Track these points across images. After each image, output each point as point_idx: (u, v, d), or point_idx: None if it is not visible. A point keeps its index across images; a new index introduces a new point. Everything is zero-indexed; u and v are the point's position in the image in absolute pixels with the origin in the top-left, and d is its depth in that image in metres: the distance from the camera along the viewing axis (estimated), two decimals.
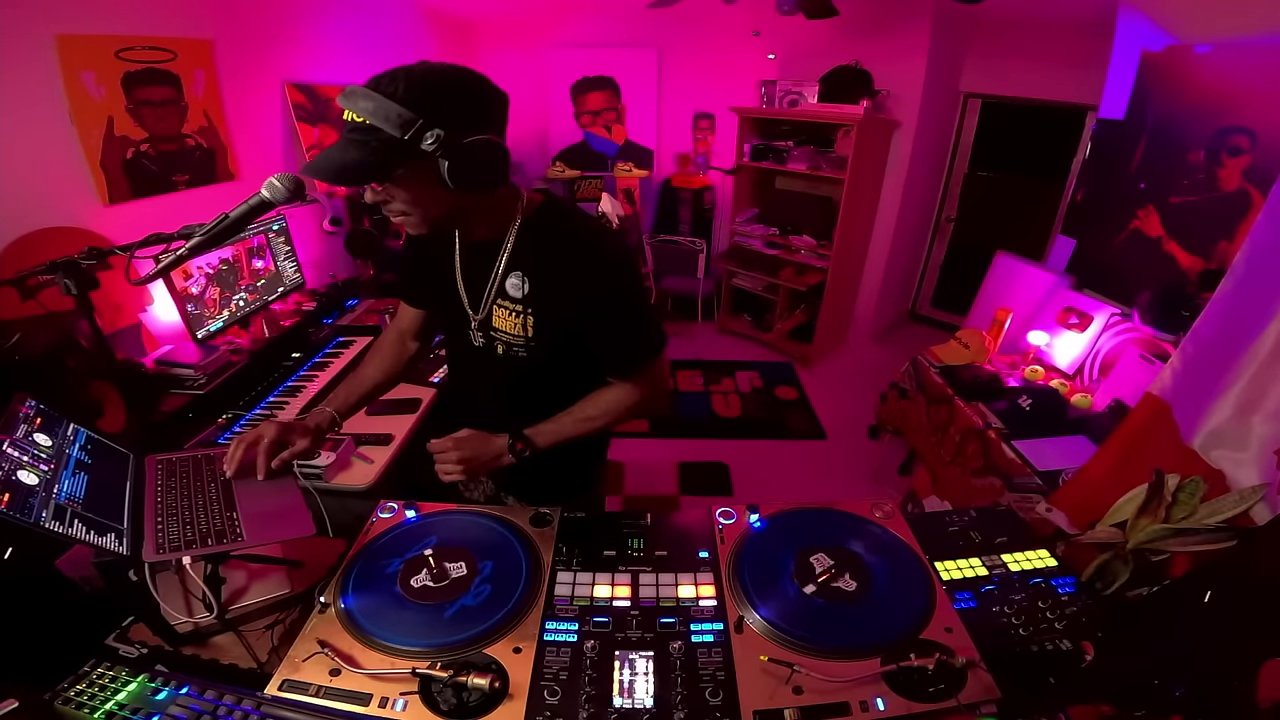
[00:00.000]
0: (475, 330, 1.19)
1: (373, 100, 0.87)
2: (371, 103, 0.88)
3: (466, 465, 1.12)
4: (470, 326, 1.19)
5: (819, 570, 1.02)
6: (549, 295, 1.10)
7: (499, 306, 1.13)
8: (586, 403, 1.21)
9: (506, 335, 1.15)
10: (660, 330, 1.18)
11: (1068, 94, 3.61)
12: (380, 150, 0.89)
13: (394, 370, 1.38)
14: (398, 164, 0.92)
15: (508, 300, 1.12)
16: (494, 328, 1.16)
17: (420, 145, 0.89)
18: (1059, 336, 2.50)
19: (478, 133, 0.92)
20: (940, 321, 4.77)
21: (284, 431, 1.16)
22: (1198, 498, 1.07)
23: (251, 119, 2.60)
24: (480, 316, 1.16)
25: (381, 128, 0.87)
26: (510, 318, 1.13)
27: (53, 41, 1.81)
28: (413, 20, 3.81)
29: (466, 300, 1.17)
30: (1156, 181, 2.39)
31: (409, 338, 1.39)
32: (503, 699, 0.81)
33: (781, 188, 4.57)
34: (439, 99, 0.90)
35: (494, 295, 1.13)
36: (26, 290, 1.56)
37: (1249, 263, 1.32)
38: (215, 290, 2.07)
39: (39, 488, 0.91)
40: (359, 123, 0.89)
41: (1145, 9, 2.42)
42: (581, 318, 1.10)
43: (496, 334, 1.16)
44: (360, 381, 1.35)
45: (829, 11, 3.04)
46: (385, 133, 0.88)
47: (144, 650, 0.95)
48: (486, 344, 1.19)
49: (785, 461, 3.40)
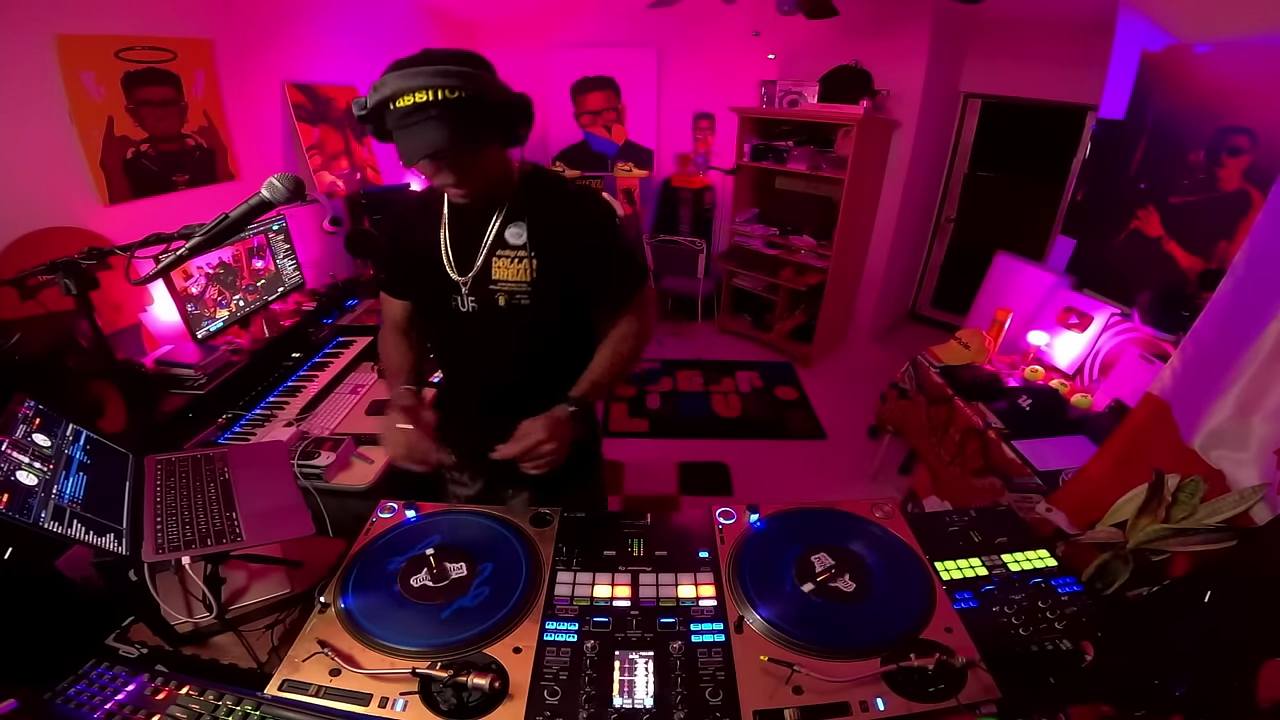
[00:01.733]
0: (466, 294, 1.21)
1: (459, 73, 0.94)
2: (459, 76, 0.94)
3: (561, 447, 1.11)
4: (459, 292, 1.21)
5: (819, 570, 1.02)
6: (549, 238, 1.18)
7: (499, 257, 1.18)
8: (606, 347, 1.26)
9: (509, 284, 1.19)
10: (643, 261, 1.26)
11: (1068, 94, 3.61)
12: (479, 117, 0.98)
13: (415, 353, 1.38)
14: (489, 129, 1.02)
15: (507, 249, 1.18)
16: (493, 280, 1.19)
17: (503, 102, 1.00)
18: (1059, 336, 2.50)
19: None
20: (940, 321, 4.77)
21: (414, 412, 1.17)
22: (1198, 498, 1.07)
23: (251, 119, 2.59)
24: (471, 275, 1.19)
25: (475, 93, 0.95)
26: (511, 265, 1.18)
27: (52, 41, 1.81)
28: (413, 20, 3.81)
29: (454, 264, 1.20)
30: (1156, 181, 2.39)
31: (408, 329, 1.40)
32: (503, 699, 0.81)
33: (781, 188, 4.57)
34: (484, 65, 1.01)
35: (491, 247, 1.18)
36: (26, 290, 1.56)
37: (1249, 263, 1.32)
38: (215, 290, 2.06)
39: (38, 488, 0.91)
40: (438, 99, 0.94)
41: (1145, 9, 2.42)
42: (580, 254, 1.20)
43: (497, 285, 1.19)
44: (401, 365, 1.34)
45: (829, 11, 3.04)
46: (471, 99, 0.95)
47: (144, 650, 0.95)
48: (482, 303, 1.21)
49: (785, 461, 3.40)
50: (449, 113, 0.95)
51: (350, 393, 1.99)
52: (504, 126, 1.05)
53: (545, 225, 1.18)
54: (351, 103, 1.04)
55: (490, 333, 1.24)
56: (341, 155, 3.14)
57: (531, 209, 1.18)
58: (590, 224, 1.23)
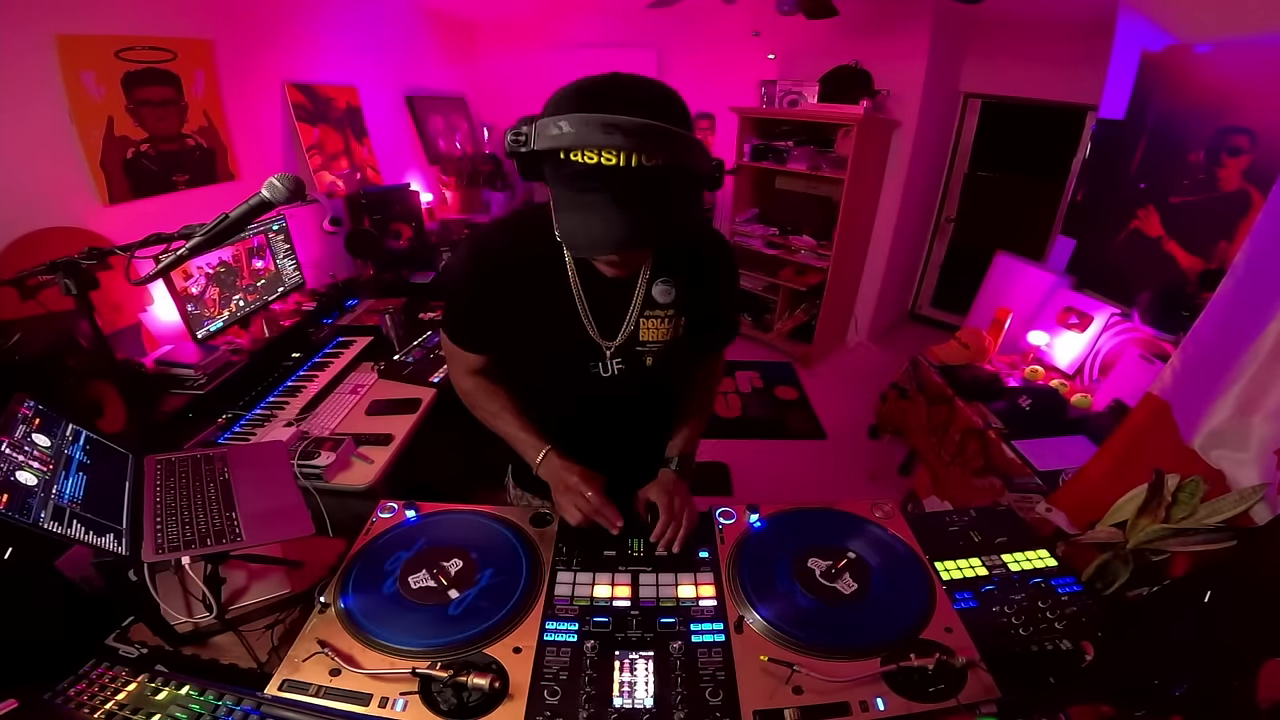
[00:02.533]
0: (610, 359, 1.10)
1: (674, 136, 0.74)
2: (673, 139, 0.74)
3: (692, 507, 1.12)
4: (602, 357, 1.10)
5: (819, 570, 1.02)
6: (696, 294, 1.11)
7: (646, 318, 1.08)
8: (692, 397, 1.26)
9: (655, 344, 1.11)
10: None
11: (1068, 94, 3.61)
12: (686, 198, 0.81)
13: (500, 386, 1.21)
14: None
15: (656, 309, 1.08)
16: (640, 341, 1.09)
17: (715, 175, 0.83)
18: (1059, 336, 2.50)
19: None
20: (940, 321, 4.77)
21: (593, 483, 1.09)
22: (1198, 498, 1.07)
23: (251, 119, 2.59)
24: (619, 341, 1.08)
25: (686, 166, 0.78)
26: (660, 325, 1.09)
27: (53, 41, 1.81)
28: (413, 20, 3.81)
29: (595, 326, 1.07)
30: (1156, 181, 2.39)
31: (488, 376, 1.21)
32: (503, 699, 0.81)
33: (781, 188, 4.57)
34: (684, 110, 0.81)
35: (640, 308, 1.07)
36: (26, 290, 1.56)
37: (1249, 263, 1.32)
38: (215, 290, 2.06)
39: (38, 488, 0.91)
40: (633, 166, 0.74)
41: (1145, 9, 2.42)
42: (719, 306, 1.17)
43: (644, 347, 1.10)
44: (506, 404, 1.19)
45: (829, 11, 3.04)
46: (670, 170, 0.76)
47: (144, 650, 0.95)
48: (629, 365, 1.11)
49: (785, 461, 3.40)
50: (638, 189, 0.76)
51: (350, 393, 1.99)
52: (697, 204, 0.91)
53: (693, 279, 1.09)
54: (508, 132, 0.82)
55: (629, 391, 1.14)
56: (341, 155, 3.14)
57: (678, 263, 1.07)
58: (728, 273, 1.18)
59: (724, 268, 1.16)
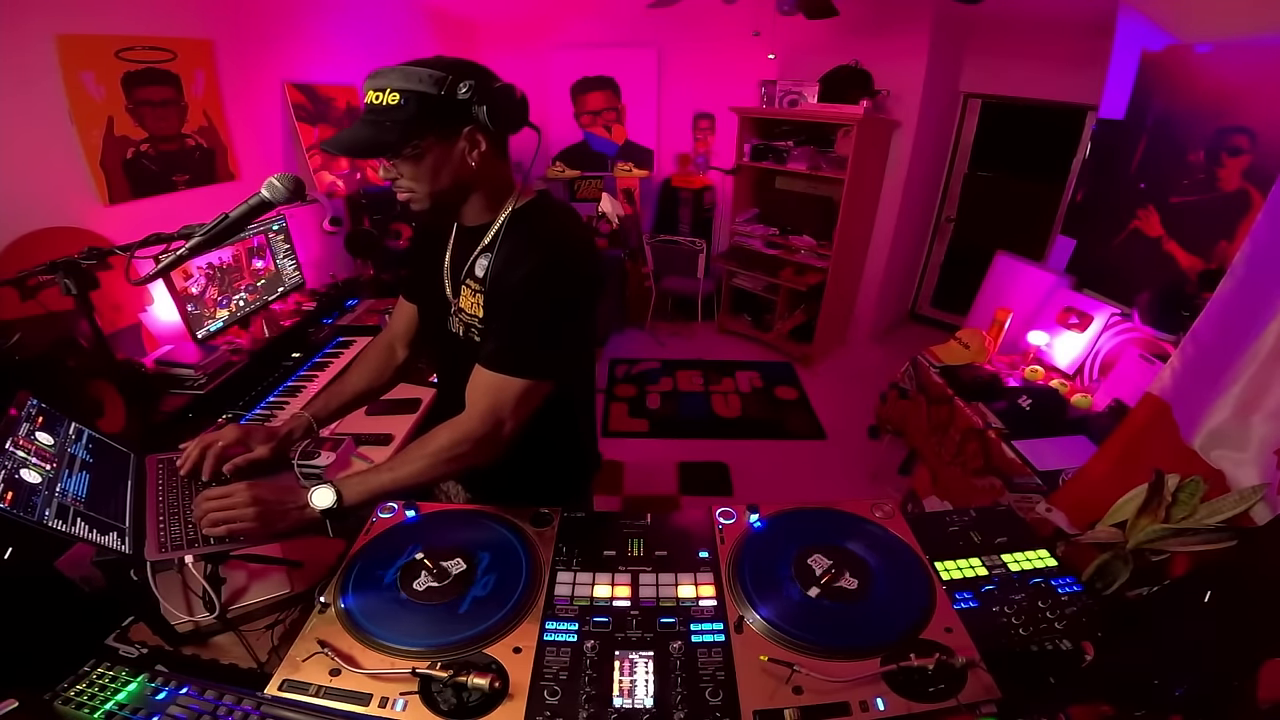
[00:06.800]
0: (454, 315, 1.20)
1: (401, 71, 0.96)
2: (400, 73, 0.96)
3: (262, 510, 0.98)
4: (450, 312, 1.20)
5: (819, 570, 1.02)
6: (499, 279, 1.08)
7: (465, 286, 1.15)
8: (410, 448, 1.11)
9: (466, 315, 1.16)
10: (546, 367, 1.09)
11: (1068, 94, 3.61)
12: (393, 128, 0.96)
13: (378, 380, 1.39)
14: (419, 134, 0.98)
15: (474, 280, 1.14)
16: (459, 308, 1.18)
17: (456, 96, 0.96)
18: (1059, 336, 2.50)
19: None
20: (940, 321, 4.77)
21: (244, 435, 1.17)
22: (1198, 498, 1.07)
23: (251, 119, 2.59)
24: (457, 300, 1.18)
25: (417, 90, 0.95)
26: (471, 297, 1.15)
27: (53, 41, 1.81)
28: (413, 20, 3.81)
29: (449, 286, 1.19)
30: (1156, 181, 2.38)
31: (400, 344, 1.39)
32: (503, 699, 0.81)
33: (781, 188, 4.57)
34: (460, 63, 1.00)
35: (465, 275, 1.15)
36: (26, 290, 1.56)
37: (1249, 263, 1.32)
38: (215, 290, 2.07)
39: (41, 486, 0.91)
40: (378, 104, 0.97)
41: (1145, 9, 2.42)
42: (506, 311, 1.07)
43: (460, 316, 1.18)
44: (342, 389, 1.36)
45: (829, 11, 3.04)
46: (404, 110, 0.95)
47: (144, 650, 0.95)
48: (463, 332, 1.19)
49: (785, 461, 3.40)
50: (369, 118, 0.97)
51: None
52: (442, 122, 0.98)
53: (503, 264, 1.08)
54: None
55: (466, 361, 1.14)
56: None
57: (503, 244, 1.08)
58: (527, 275, 1.04)
59: (530, 271, 1.04)
